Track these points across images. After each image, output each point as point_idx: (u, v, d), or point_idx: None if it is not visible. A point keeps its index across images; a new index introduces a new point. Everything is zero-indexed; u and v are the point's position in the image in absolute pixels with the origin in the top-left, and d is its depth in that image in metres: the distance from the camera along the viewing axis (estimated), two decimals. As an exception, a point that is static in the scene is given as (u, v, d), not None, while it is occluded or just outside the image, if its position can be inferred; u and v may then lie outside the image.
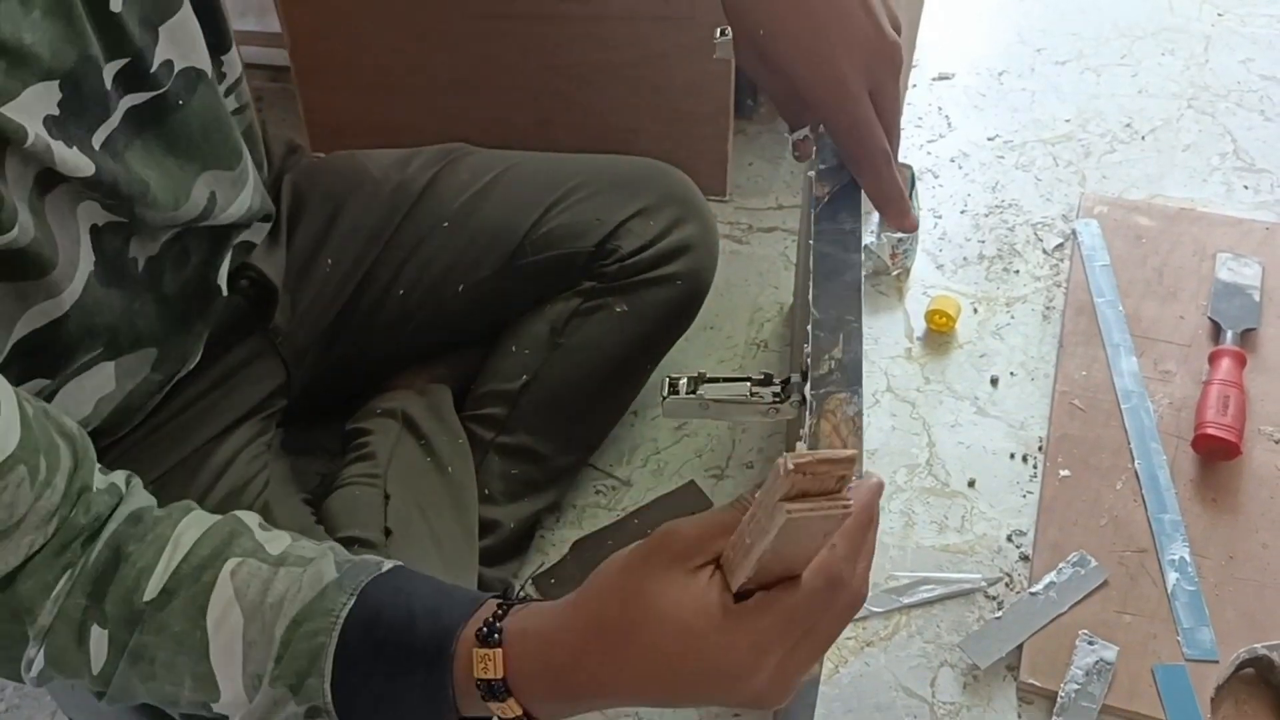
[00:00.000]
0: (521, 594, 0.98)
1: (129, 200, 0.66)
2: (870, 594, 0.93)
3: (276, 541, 0.57)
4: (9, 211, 0.56)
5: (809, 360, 0.55)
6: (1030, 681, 0.88)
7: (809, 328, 0.56)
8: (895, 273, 1.24)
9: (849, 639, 0.92)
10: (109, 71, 0.63)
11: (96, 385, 0.72)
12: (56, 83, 0.58)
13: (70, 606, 0.53)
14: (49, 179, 0.60)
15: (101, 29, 0.61)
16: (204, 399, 0.83)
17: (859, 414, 0.52)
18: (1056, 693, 0.86)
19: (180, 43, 0.68)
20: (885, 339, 1.18)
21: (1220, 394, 1.03)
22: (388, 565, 0.57)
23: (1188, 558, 0.94)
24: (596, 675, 0.49)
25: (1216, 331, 1.12)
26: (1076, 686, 0.86)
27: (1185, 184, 1.35)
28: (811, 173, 0.70)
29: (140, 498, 0.59)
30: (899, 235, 1.23)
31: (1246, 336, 1.11)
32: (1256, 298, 1.15)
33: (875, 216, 1.30)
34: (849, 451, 0.41)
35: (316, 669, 0.52)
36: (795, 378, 0.65)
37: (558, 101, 1.29)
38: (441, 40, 1.26)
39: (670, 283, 0.97)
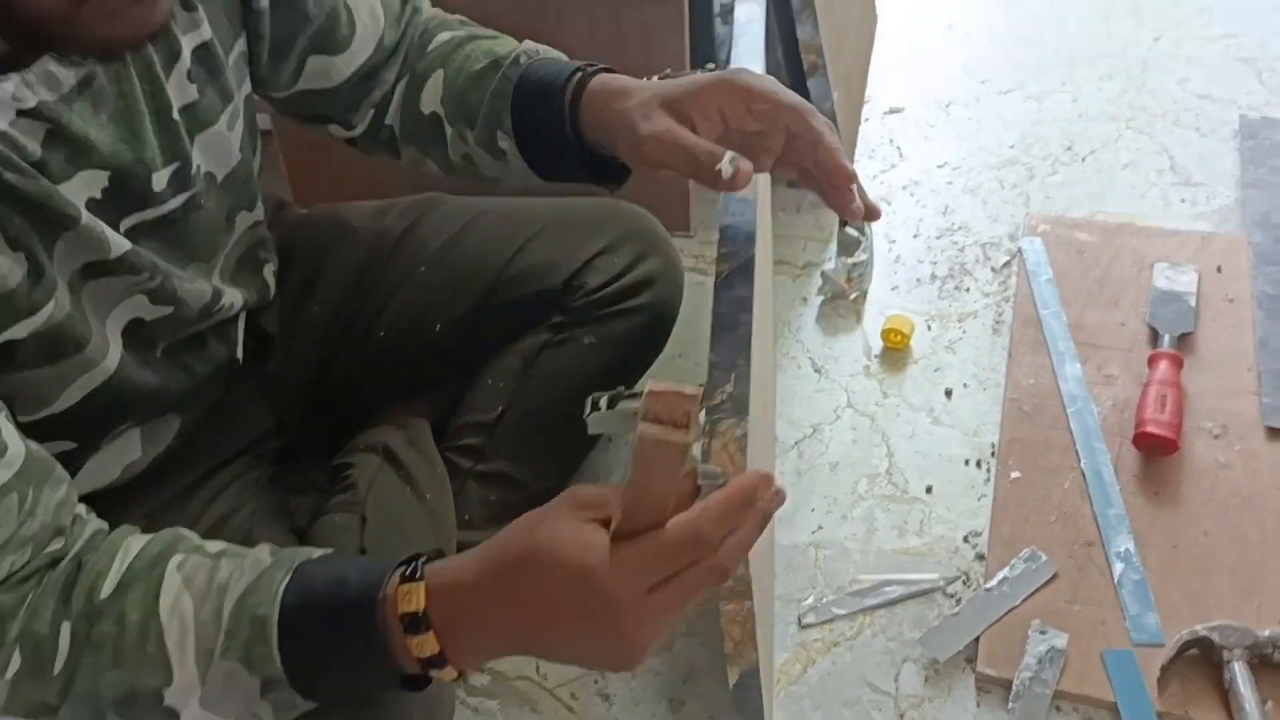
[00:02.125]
0: None
1: (168, 288, 0.73)
2: (834, 597, 0.99)
3: (214, 543, 0.63)
4: (46, 287, 0.62)
5: (706, 390, 0.64)
6: (987, 672, 0.92)
7: (707, 366, 0.68)
8: (852, 296, 1.30)
9: (816, 640, 0.97)
10: (161, 175, 0.71)
11: (124, 452, 0.78)
12: (107, 173, 0.66)
13: (41, 608, 0.59)
14: (95, 270, 0.67)
15: (161, 133, 0.69)
16: (196, 440, 0.88)
17: (744, 435, 0.64)
18: (1012, 681, 0.91)
19: (212, 147, 0.76)
20: (845, 358, 1.24)
21: (1158, 394, 1.08)
22: (319, 553, 0.63)
23: (1133, 548, 0.99)
24: (500, 608, 0.56)
25: (1155, 336, 1.18)
26: (1030, 674, 0.91)
27: (1125, 200, 1.42)
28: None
29: (95, 522, 0.65)
30: (853, 261, 1.29)
31: (1183, 340, 1.17)
32: (1192, 303, 1.22)
33: (832, 246, 1.38)
34: (695, 389, 0.50)
35: (263, 638, 0.57)
36: (705, 386, 0.71)
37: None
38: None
39: (636, 314, 1.03)
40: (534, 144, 0.82)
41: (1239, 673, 0.87)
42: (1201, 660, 0.91)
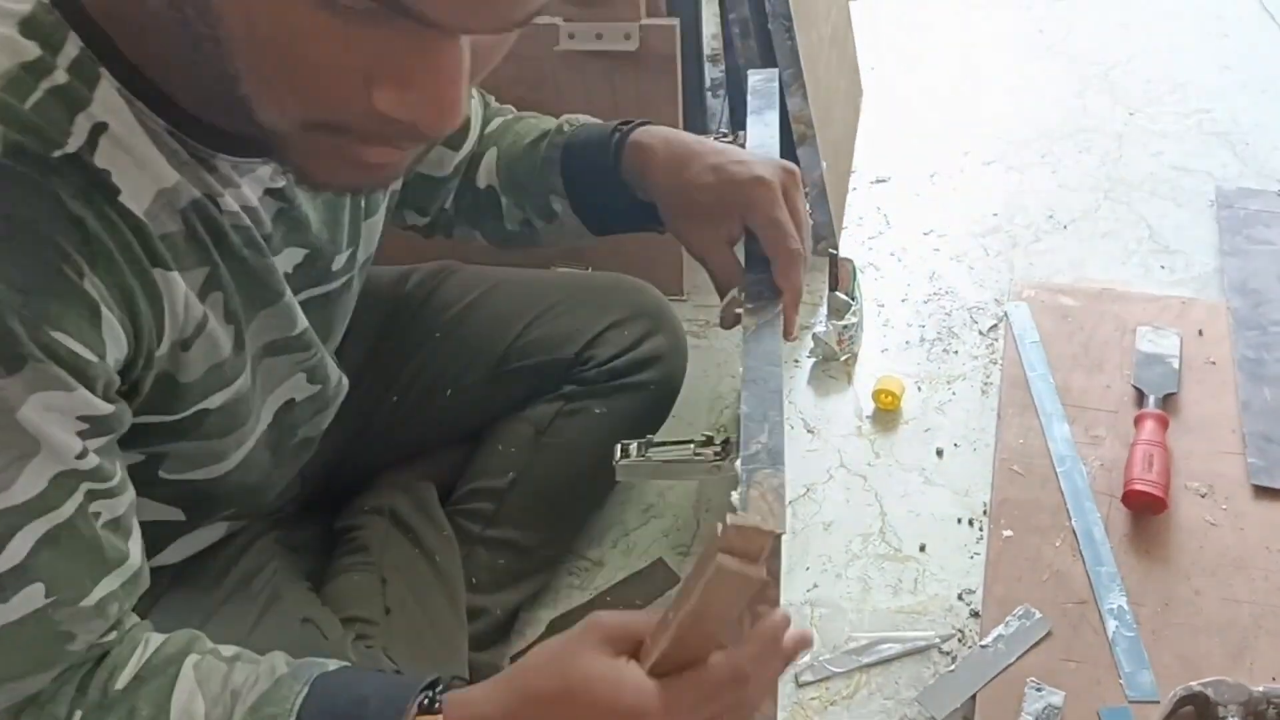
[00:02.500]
0: None
1: (322, 366, 0.76)
2: (831, 656, 0.99)
3: (228, 648, 0.63)
4: (242, 361, 0.65)
5: (741, 442, 0.65)
6: (985, 729, 0.92)
7: (740, 418, 0.70)
8: (843, 358, 1.33)
9: (813, 699, 0.97)
10: (341, 256, 0.75)
11: (209, 534, 0.81)
12: (306, 251, 0.70)
13: (61, 694, 0.58)
14: (275, 348, 0.70)
15: (351, 218, 0.74)
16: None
17: (782, 485, 0.64)
18: (1010, 738, 0.91)
19: (369, 233, 0.80)
20: (837, 419, 1.26)
21: (1145, 453, 1.10)
22: (334, 665, 0.62)
23: (1125, 606, 1.00)
24: None
25: (1140, 397, 1.21)
26: (1028, 731, 0.91)
27: (1106, 267, 1.46)
28: (739, 310, 0.82)
29: (133, 617, 0.64)
30: (844, 324, 1.32)
31: (1168, 401, 1.20)
32: (1176, 365, 1.25)
33: (823, 310, 1.40)
34: (773, 527, 0.49)
35: None
36: (733, 436, 0.72)
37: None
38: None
39: (644, 389, 1.05)
40: (585, 199, 0.88)
41: (1234, 729, 0.88)
42: (1196, 718, 0.92)
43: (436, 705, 0.56)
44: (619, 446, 0.78)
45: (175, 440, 0.66)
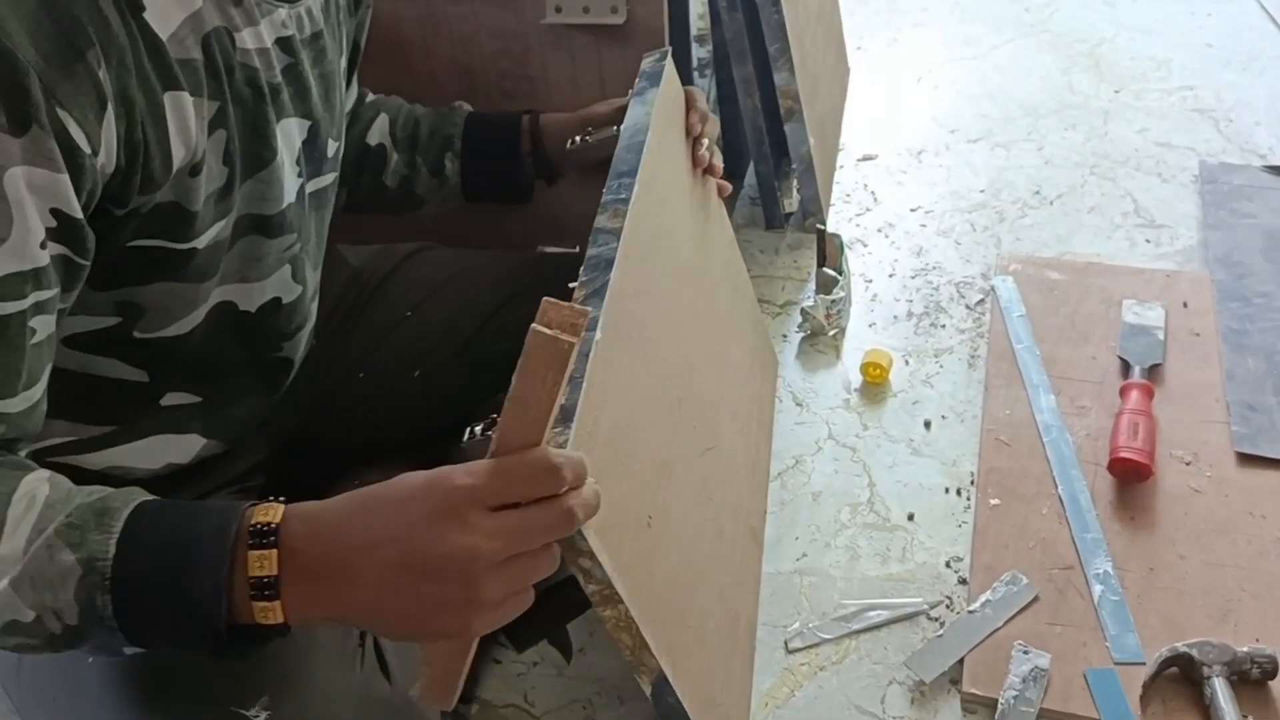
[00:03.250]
0: None
1: (303, 266, 0.80)
2: (820, 623, 1.00)
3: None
4: (226, 207, 0.68)
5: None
6: (972, 691, 0.93)
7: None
8: (831, 332, 1.33)
9: (803, 664, 0.97)
10: (330, 146, 0.78)
11: (179, 449, 0.81)
12: (309, 124, 0.73)
13: None
14: (259, 223, 0.72)
15: (339, 110, 0.78)
16: (192, 467, 0.89)
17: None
18: (997, 700, 0.92)
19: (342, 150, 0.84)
20: (825, 392, 1.26)
21: (1130, 422, 1.11)
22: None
23: (1111, 571, 1.01)
24: (349, 529, 0.54)
25: (1126, 368, 1.22)
26: (1015, 693, 0.92)
27: (1091, 241, 1.47)
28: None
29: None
30: (833, 298, 1.32)
31: (1154, 371, 1.21)
32: (1160, 336, 1.26)
33: (810, 285, 1.41)
34: (586, 309, 0.54)
35: (104, 525, 0.54)
36: None
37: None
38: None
39: None
40: (477, 162, 0.99)
41: (1219, 689, 0.89)
42: (1182, 678, 0.93)
43: (278, 502, 0.55)
44: (467, 430, 0.77)
45: (168, 277, 0.67)
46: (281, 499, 0.56)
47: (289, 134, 0.72)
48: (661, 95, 0.94)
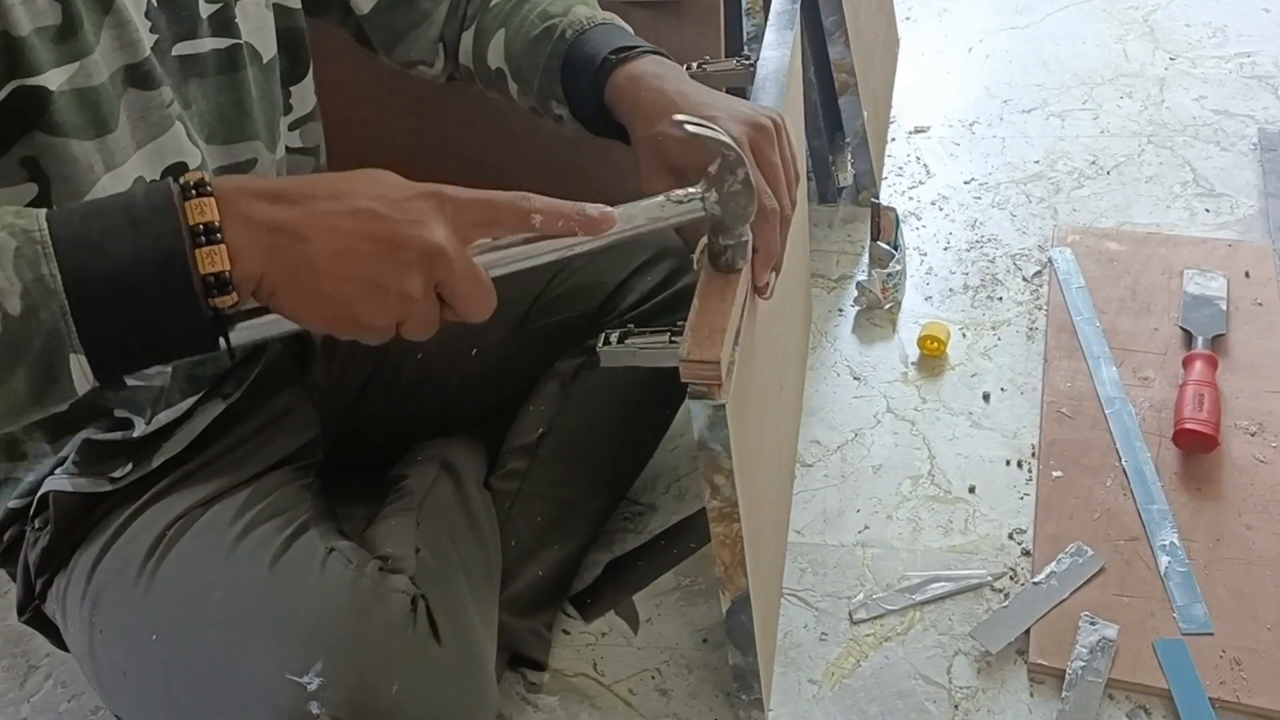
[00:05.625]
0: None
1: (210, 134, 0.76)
2: (884, 594, 1.01)
3: None
4: (81, 47, 0.64)
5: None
6: (1039, 662, 0.94)
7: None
8: (887, 306, 1.33)
9: (868, 635, 0.98)
10: (205, 6, 0.73)
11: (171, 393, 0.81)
12: None
13: None
14: (133, 77, 0.69)
15: None
16: (248, 441, 0.90)
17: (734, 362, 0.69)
18: (1064, 671, 0.92)
19: (252, 19, 0.78)
20: (883, 366, 1.27)
21: (1195, 393, 1.11)
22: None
23: (1177, 542, 1.01)
24: (309, 184, 0.56)
25: (1189, 339, 1.21)
26: (1082, 663, 0.92)
27: (1150, 212, 1.45)
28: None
29: None
30: (888, 271, 1.32)
31: (1217, 342, 1.20)
32: (1224, 306, 1.24)
33: (864, 259, 1.41)
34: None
35: (23, 213, 0.52)
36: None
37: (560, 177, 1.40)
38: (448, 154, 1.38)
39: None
40: (583, 112, 0.86)
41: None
42: (1251, 649, 0.93)
43: (207, 186, 0.54)
44: (601, 335, 0.78)
45: (40, 127, 0.65)
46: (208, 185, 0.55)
47: None
48: (793, 48, 0.95)
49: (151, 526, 0.81)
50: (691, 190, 0.68)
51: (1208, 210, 1.45)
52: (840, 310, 1.35)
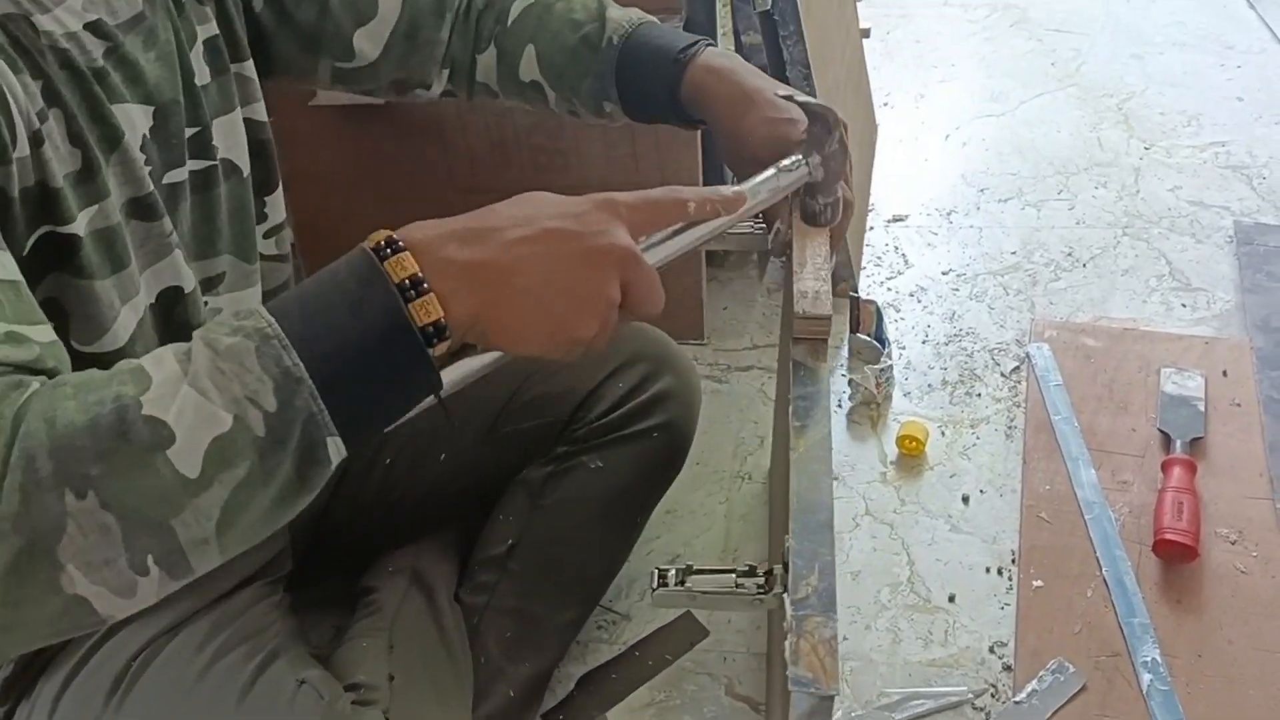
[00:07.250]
0: None
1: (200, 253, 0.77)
2: (863, 712, 0.98)
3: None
4: (100, 188, 0.66)
5: (790, 583, 0.63)
6: (1021, 787, 0.92)
7: (789, 558, 0.65)
8: (880, 401, 1.32)
9: (846, 756, 0.96)
10: (187, 131, 0.75)
11: None
12: (153, 109, 0.71)
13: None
14: (136, 209, 0.70)
15: (187, 94, 0.74)
16: None
17: (834, 636, 0.60)
18: (1046, 797, 0.90)
19: (228, 136, 0.79)
20: (861, 465, 1.26)
21: (1174, 500, 1.10)
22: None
23: (1159, 659, 1.00)
24: (492, 216, 0.59)
25: (1167, 441, 1.20)
26: (1065, 789, 0.90)
27: (1127, 305, 1.46)
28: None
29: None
30: (880, 367, 1.32)
31: (1195, 444, 1.19)
32: (1201, 408, 1.24)
33: (844, 352, 1.40)
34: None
35: (241, 315, 0.54)
36: (777, 569, 0.70)
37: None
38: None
39: (646, 436, 1.02)
40: (638, 108, 0.89)
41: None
42: (1235, 774, 0.91)
43: (398, 242, 0.56)
44: (655, 572, 0.75)
45: (67, 270, 0.66)
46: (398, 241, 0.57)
47: (130, 120, 0.69)
48: None
49: (116, 656, 0.79)
50: (796, 158, 0.74)
51: (1184, 305, 1.45)
52: (839, 405, 1.34)
